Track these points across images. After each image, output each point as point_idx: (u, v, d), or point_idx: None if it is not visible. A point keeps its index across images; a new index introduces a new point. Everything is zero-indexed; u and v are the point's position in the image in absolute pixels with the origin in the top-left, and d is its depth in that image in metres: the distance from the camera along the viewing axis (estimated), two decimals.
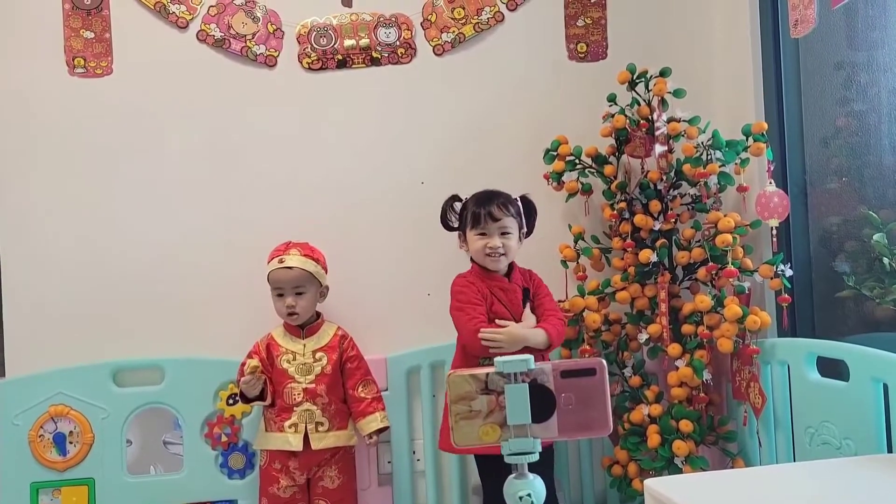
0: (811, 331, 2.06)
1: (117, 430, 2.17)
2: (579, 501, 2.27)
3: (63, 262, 2.25)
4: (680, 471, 1.99)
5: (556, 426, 0.94)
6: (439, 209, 2.15)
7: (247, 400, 2.04)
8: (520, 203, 2.02)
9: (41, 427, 2.15)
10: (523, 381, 0.94)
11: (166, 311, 2.25)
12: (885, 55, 1.97)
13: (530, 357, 0.96)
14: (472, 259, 2.03)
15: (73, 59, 2.26)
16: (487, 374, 0.95)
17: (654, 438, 2.03)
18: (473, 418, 0.94)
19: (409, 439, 2.26)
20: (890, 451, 1.56)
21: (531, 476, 0.96)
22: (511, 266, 2.02)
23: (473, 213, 1.98)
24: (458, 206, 2.05)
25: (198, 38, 2.28)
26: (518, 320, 1.96)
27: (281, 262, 2.07)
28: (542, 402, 0.94)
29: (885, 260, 1.84)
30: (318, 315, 2.14)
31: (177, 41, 2.28)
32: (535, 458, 0.96)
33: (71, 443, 2.16)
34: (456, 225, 2.05)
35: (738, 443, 2.09)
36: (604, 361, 0.96)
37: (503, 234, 1.96)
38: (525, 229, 2.03)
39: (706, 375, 2.01)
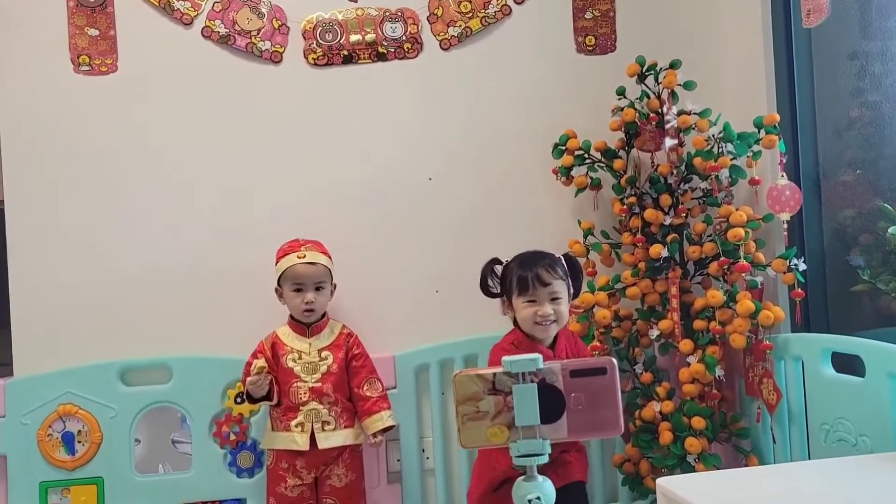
0: (825, 326, 2.03)
1: (125, 429, 2.17)
2: (590, 499, 2.25)
3: (70, 261, 2.24)
4: (692, 468, 1.96)
5: (565, 427, 0.92)
6: (448, 205, 2.13)
7: (253, 400, 2.02)
8: (564, 263, 1.87)
9: (50, 426, 2.15)
10: (532, 381, 0.92)
11: (174, 310, 2.25)
12: None
13: (539, 356, 0.94)
14: (514, 322, 1.87)
15: (78, 57, 2.25)
16: (495, 374, 0.93)
17: (666, 435, 2.01)
18: (481, 419, 0.92)
19: (419, 437, 2.24)
20: None
21: (540, 478, 0.94)
22: (560, 333, 1.88)
23: (520, 278, 1.81)
24: (498, 269, 1.88)
25: (202, 34, 2.27)
26: None
27: (301, 257, 2.05)
28: (552, 403, 0.92)
29: None
30: (324, 313, 2.13)
31: (182, 38, 2.27)
32: (545, 459, 0.94)
33: (79, 442, 2.16)
34: (497, 290, 1.87)
35: (752, 440, 2.06)
36: (614, 360, 0.94)
37: (553, 299, 1.80)
38: (572, 290, 1.87)
39: (719, 372, 1.98)
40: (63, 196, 2.25)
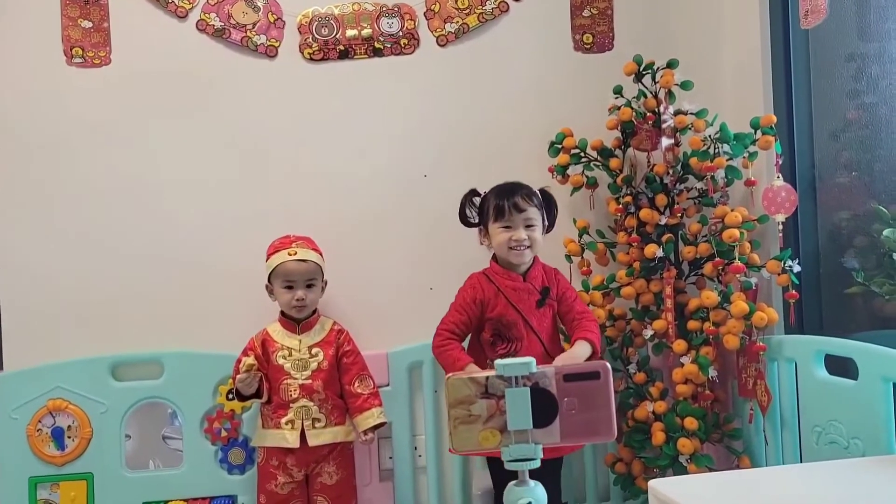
0: (819, 328, 2.03)
1: (116, 424, 2.16)
2: (582, 499, 2.25)
3: (61, 255, 2.23)
4: (685, 469, 1.96)
5: (558, 431, 0.91)
6: (443, 202, 2.12)
7: (243, 398, 2.01)
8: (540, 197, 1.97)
9: (39, 421, 2.14)
10: (524, 385, 0.91)
11: (165, 305, 2.23)
12: None
13: (532, 360, 0.93)
14: (493, 256, 1.98)
15: (71, 49, 2.23)
16: (487, 378, 0.92)
17: (658, 436, 2.01)
18: (473, 423, 0.92)
19: (411, 435, 2.24)
20: None
21: (532, 483, 0.94)
22: (533, 262, 1.96)
23: (496, 205, 1.90)
24: (477, 200, 1.98)
25: (197, 27, 2.25)
26: (529, 324, 1.90)
27: (292, 254, 2.04)
28: (544, 407, 0.91)
29: (895, 256, 1.80)
30: (315, 310, 2.11)
31: (176, 31, 2.25)
32: (537, 464, 0.93)
33: (69, 437, 2.14)
34: (475, 220, 1.98)
35: (744, 441, 2.06)
36: (608, 365, 0.94)
37: (528, 226, 1.90)
38: (547, 223, 1.97)
39: (712, 372, 1.98)
40: (54, 189, 2.23)
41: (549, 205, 1.98)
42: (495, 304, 1.91)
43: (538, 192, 1.96)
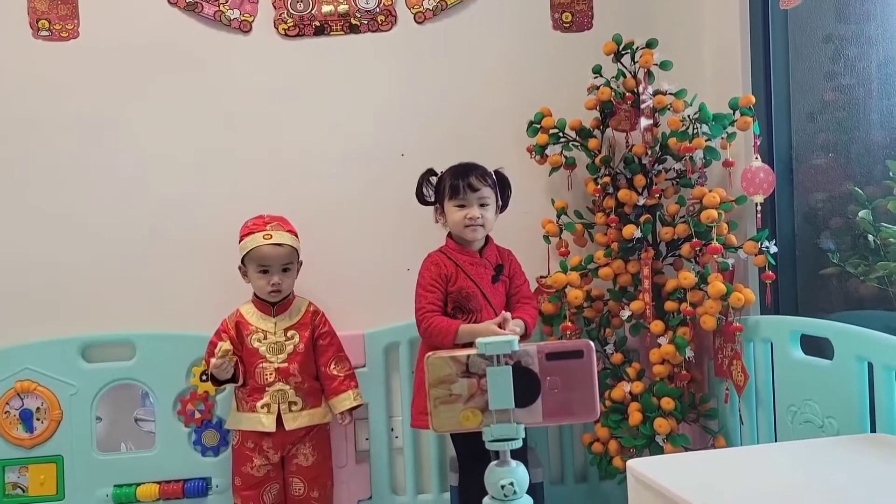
0: (795, 308, 2.04)
1: (86, 406, 2.12)
2: (559, 479, 2.26)
3: (30, 233, 2.18)
4: (661, 449, 1.97)
5: (540, 411, 0.90)
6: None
7: (218, 382, 1.97)
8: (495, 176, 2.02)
9: (7, 403, 2.10)
10: (506, 364, 0.90)
11: (137, 285, 2.19)
12: (873, 28, 1.93)
13: (514, 338, 0.91)
14: (448, 234, 2.02)
15: (38, 22, 2.16)
16: (468, 357, 0.91)
17: (635, 416, 2.01)
18: (453, 402, 0.90)
19: (387, 416, 2.22)
20: (873, 430, 1.54)
21: (514, 463, 0.93)
22: (487, 241, 2.02)
23: (452, 184, 1.96)
24: (433, 180, 2.03)
25: (168, 0, 2.19)
26: (486, 296, 1.96)
27: (267, 237, 1.98)
28: (526, 386, 0.90)
29: (870, 237, 1.81)
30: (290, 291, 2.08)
31: (146, 4, 2.20)
32: (519, 444, 0.92)
33: (38, 419, 2.10)
34: (432, 199, 2.02)
35: (720, 420, 2.08)
36: (591, 343, 0.92)
37: (482, 205, 1.96)
38: (500, 203, 2.02)
39: (689, 353, 1.98)
40: (22, 166, 2.18)
41: (503, 185, 2.03)
42: (455, 278, 1.96)
43: (493, 172, 2.01)
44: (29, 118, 2.17)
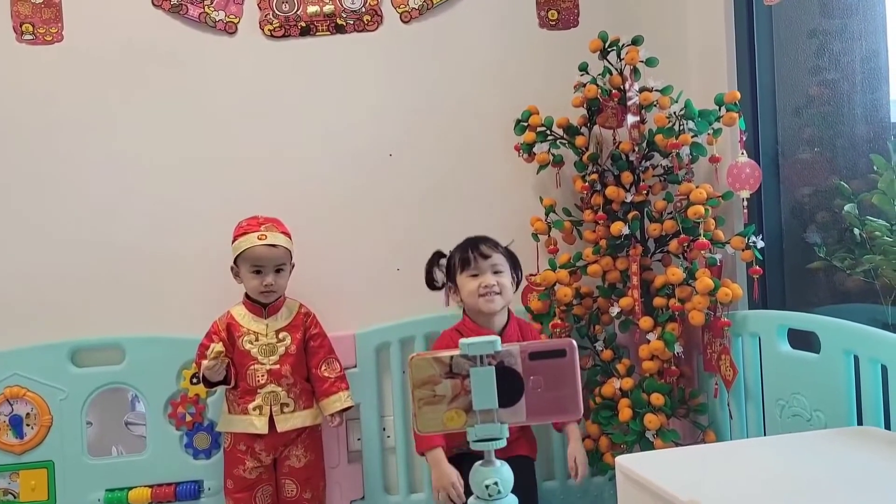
0: (782, 303, 2.05)
1: (76, 411, 2.11)
2: (550, 476, 2.26)
3: (17, 238, 2.17)
4: (651, 444, 1.98)
5: (524, 410, 0.90)
6: (408, 181, 2.10)
7: (209, 384, 1.97)
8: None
9: None
10: (490, 364, 0.90)
11: (126, 289, 2.19)
12: (858, 23, 1.94)
13: (497, 338, 0.91)
14: (464, 311, 1.95)
15: (21, 25, 2.15)
16: (452, 357, 0.91)
17: (625, 412, 2.02)
18: (437, 403, 0.90)
19: (379, 416, 2.22)
20: (860, 423, 1.55)
21: (498, 463, 0.93)
22: (508, 318, 1.95)
23: (462, 257, 1.90)
24: (443, 262, 1.97)
25: (153, 3, 2.19)
26: None
27: (262, 238, 1.98)
28: (510, 386, 0.90)
29: (856, 231, 1.82)
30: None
31: (131, 6, 2.19)
32: (503, 443, 0.92)
33: (28, 425, 2.10)
34: (440, 284, 1.96)
35: (709, 415, 2.09)
36: (574, 342, 0.92)
37: (496, 272, 1.89)
38: (514, 278, 1.96)
39: (677, 348, 1.99)
40: (9, 171, 2.17)
41: (513, 261, 1.97)
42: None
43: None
44: (13, 123, 2.16)
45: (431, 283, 1.97)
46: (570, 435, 1.92)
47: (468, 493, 0.95)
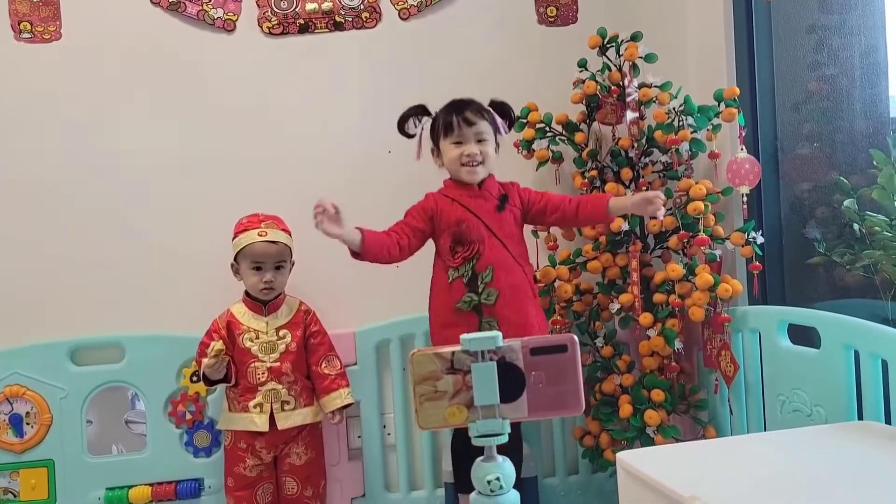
0: (782, 298, 2.05)
1: (76, 409, 2.11)
2: (551, 472, 2.26)
3: (16, 237, 2.16)
4: (652, 440, 1.98)
5: (525, 406, 0.90)
6: (408, 178, 2.08)
7: (210, 382, 1.97)
8: (493, 111, 1.89)
9: None
10: (491, 360, 0.90)
11: (125, 288, 2.19)
12: (856, 18, 1.94)
13: (498, 334, 0.91)
14: (449, 177, 1.92)
15: (19, 24, 2.15)
16: (453, 353, 0.91)
17: (625, 408, 2.02)
18: (439, 399, 0.90)
19: (380, 413, 2.22)
20: (860, 417, 1.55)
21: (500, 458, 0.93)
22: (488, 177, 1.89)
23: (446, 121, 1.85)
24: (426, 119, 1.92)
25: (151, 1, 2.18)
26: (488, 226, 1.84)
27: (262, 234, 1.98)
28: (511, 381, 0.90)
29: (856, 226, 1.82)
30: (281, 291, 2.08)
31: (129, 4, 2.19)
32: (504, 439, 0.92)
33: (28, 424, 2.10)
34: (413, 133, 1.92)
35: (710, 411, 2.09)
36: (575, 337, 0.92)
37: (479, 140, 1.84)
38: (504, 134, 1.92)
39: (678, 344, 1.99)
40: (6, 171, 2.16)
41: (502, 111, 1.92)
42: (451, 210, 1.85)
43: (490, 105, 1.91)
44: (12, 121, 2.16)
45: (403, 130, 1.93)
46: (618, 206, 1.83)
47: (470, 488, 0.95)
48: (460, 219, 1.84)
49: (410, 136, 1.93)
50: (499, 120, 1.90)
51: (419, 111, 1.93)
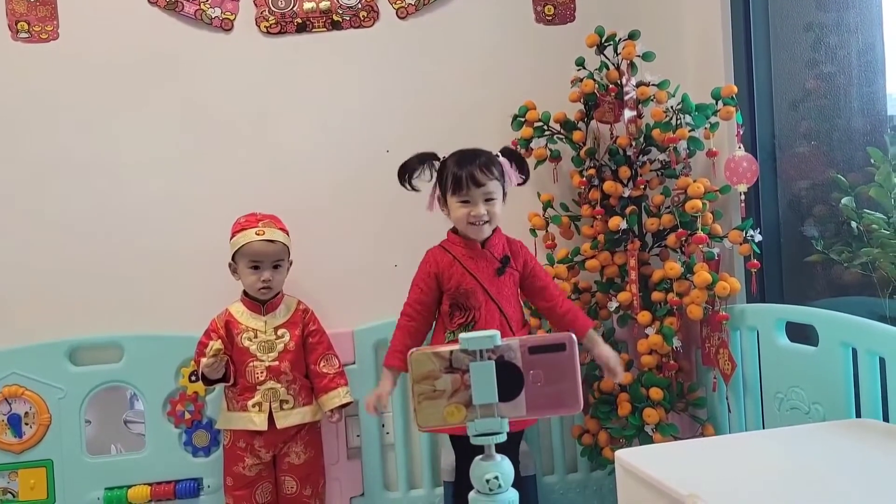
0: (780, 296, 2.06)
1: (75, 409, 2.11)
2: (550, 470, 2.26)
3: (14, 236, 2.16)
4: (650, 439, 1.98)
5: (524, 405, 0.90)
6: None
7: (209, 382, 1.96)
8: (502, 162, 1.87)
9: None
10: (489, 359, 0.90)
11: (124, 287, 2.18)
12: (854, 16, 1.94)
13: (496, 333, 0.91)
14: (452, 228, 1.92)
15: (16, 24, 2.15)
16: (451, 352, 0.91)
17: (624, 407, 2.03)
18: (437, 398, 0.90)
19: (378, 412, 2.22)
20: (858, 415, 1.56)
21: (499, 457, 0.93)
22: (494, 232, 1.89)
23: (455, 175, 1.82)
24: (435, 164, 1.89)
25: (149, 0, 2.18)
26: (487, 291, 1.84)
27: (260, 234, 1.98)
28: (510, 380, 0.90)
29: (853, 224, 1.83)
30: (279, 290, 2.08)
31: (126, 3, 2.18)
32: (503, 438, 0.92)
33: (27, 424, 2.10)
34: (409, 186, 1.89)
35: (708, 409, 2.09)
36: (573, 336, 0.92)
37: (487, 199, 1.82)
38: (514, 183, 1.90)
39: (676, 342, 1.99)
40: (4, 170, 2.16)
41: (517, 161, 1.90)
42: (451, 273, 1.86)
43: (499, 154, 1.88)
44: (9, 121, 2.16)
45: (403, 178, 1.88)
46: (592, 341, 1.87)
47: (469, 487, 0.95)
48: (461, 283, 1.85)
49: (412, 189, 1.89)
50: (507, 169, 1.88)
51: (431, 158, 1.89)
